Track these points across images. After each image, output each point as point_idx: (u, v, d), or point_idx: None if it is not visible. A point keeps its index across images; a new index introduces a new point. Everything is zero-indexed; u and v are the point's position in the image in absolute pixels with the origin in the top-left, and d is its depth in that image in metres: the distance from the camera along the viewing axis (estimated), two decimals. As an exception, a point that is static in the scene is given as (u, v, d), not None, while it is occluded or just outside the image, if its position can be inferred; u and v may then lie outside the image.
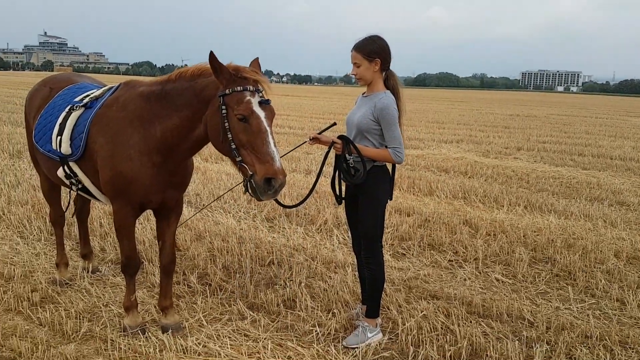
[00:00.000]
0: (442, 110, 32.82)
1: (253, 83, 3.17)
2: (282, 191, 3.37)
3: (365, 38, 3.66)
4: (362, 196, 3.76)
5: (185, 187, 3.88)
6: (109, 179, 3.57)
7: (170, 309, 3.93)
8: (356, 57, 3.64)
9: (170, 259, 3.90)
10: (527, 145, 15.08)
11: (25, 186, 7.68)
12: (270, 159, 3.04)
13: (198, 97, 3.30)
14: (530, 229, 6.55)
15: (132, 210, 3.66)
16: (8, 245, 5.48)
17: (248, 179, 3.11)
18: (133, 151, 3.48)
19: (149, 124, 3.47)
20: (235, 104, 3.09)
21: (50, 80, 4.54)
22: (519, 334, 4.02)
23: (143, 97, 3.53)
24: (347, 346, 3.76)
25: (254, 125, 3.08)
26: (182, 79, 3.41)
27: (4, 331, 3.77)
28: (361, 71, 3.66)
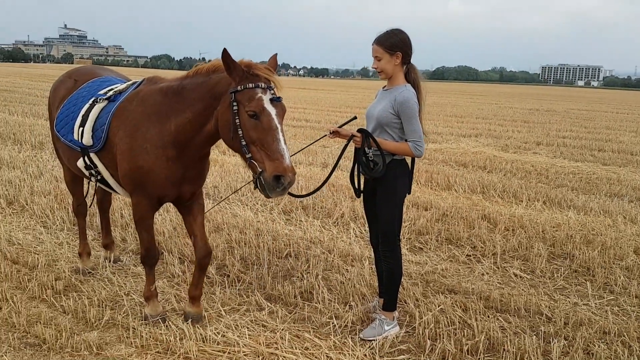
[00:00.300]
0: (460, 104, 32.57)
1: (265, 80, 3.18)
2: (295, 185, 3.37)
3: (386, 31, 3.67)
4: (381, 190, 3.77)
5: (201, 182, 3.88)
6: (126, 172, 3.63)
7: (198, 299, 3.96)
8: (377, 51, 3.65)
9: (204, 253, 3.86)
10: (546, 140, 14.92)
11: (47, 177, 7.82)
12: (280, 156, 3.05)
13: (210, 92, 3.33)
14: (549, 224, 6.51)
15: (150, 203, 3.71)
16: (32, 234, 5.60)
17: (257, 176, 3.13)
18: (149, 145, 3.53)
19: (165, 119, 3.51)
20: (246, 101, 3.10)
21: (74, 73, 4.62)
22: (536, 329, 4.01)
23: (162, 92, 3.58)
24: (364, 338, 3.79)
25: (265, 122, 3.09)
26: (198, 74, 3.45)
27: (29, 318, 3.86)
28: (382, 64, 3.66)
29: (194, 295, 3.94)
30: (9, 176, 7.69)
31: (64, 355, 3.45)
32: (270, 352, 3.57)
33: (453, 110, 26.26)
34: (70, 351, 3.49)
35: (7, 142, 10.75)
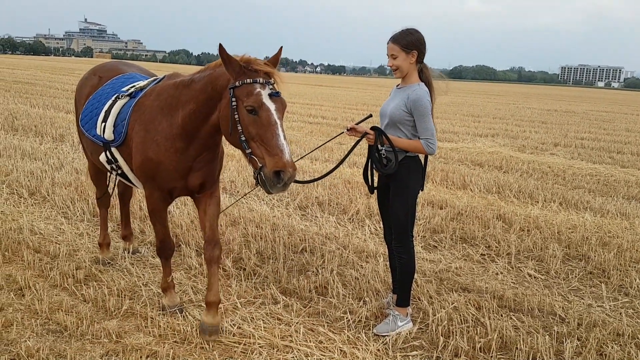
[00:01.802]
0: (477, 104, 32.38)
1: (264, 75, 3.16)
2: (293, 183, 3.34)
3: (402, 30, 3.71)
4: (394, 186, 3.81)
5: (210, 173, 3.79)
6: (139, 164, 3.70)
7: (214, 307, 3.71)
8: (393, 49, 3.69)
9: (212, 246, 3.74)
10: (564, 142, 14.80)
11: (68, 169, 7.96)
12: (280, 151, 3.02)
13: (212, 84, 3.34)
14: (564, 225, 6.49)
15: (162, 195, 3.75)
16: (53, 225, 5.72)
17: (258, 172, 3.10)
18: (160, 137, 3.59)
19: (174, 111, 3.56)
20: (245, 96, 3.09)
21: (99, 69, 4.71)
22: (549, 329, 4.02)
23: (174, 86, 3.63)
24: (377, 334, 3.84)
25: (264, 117, 3.06)
26: (207, 68, 3.50)
27: (51, 306, 3.97)
28: (398, 62, 3.70)
29: (210, 302, 3.71)
30: (31, 167, 7.84)
31: (84, 342, 3.54)
32: (285, 345, 3.63)
33: (470, 110, 26.13)
34: (90, 338, 3.59)
35: (29, 134, 10.95)
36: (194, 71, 3.70)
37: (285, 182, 3.05)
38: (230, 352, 3.54)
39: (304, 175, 8.51)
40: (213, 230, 3.81)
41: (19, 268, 4.62)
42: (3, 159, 8.36)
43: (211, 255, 3.75)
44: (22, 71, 38.01)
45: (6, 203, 6.36)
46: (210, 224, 3.81)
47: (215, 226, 3.83)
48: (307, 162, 9.75)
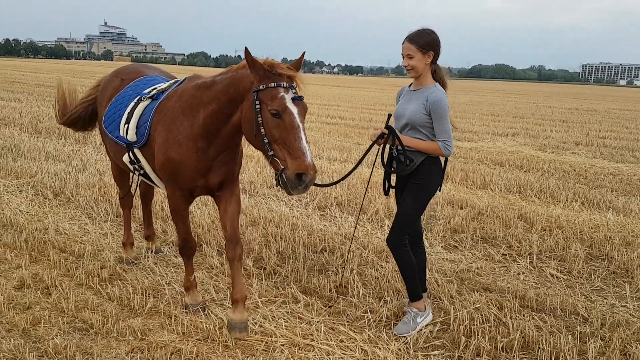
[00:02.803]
0: (497, 103, 32.11)
1: (287, 79, 3.22)
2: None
3: (418, 30, 3.69)
4: (412, 184, 3.78)
5: (230, 172, 3.85)
6: (161, 163, 3.76)
7: (240, 303, 3.76)
8: (410, 49, 3.66)
9: (233, 245, 3.80)
10: (585, 140, 14.62)
11: (91, 170, 8.10)
12: (302, 154, 3.08)
13: (234, 86, 3.39)
14: (587, 225, 6.42)
15: (183, 194, 3.81)
16: (77, 225, 5.83)
17: (279, 173, 3.17)
18: (182, 137, 3.64)
19: (195, 111, 3.62)
20: (269, 100, 3.15)
21: (121, 72, 4.80)
22: (572, 329, 3.99)
23: (196, 87, 3.68)
24: (398, 334, 3.83)
25: (287, 121, 3.12)
26: (230, 71, 3.54)
27: (77, 304, 4.05)
28: (414, 62, 3.67)
29: (236, 299, 3.77)
30: (55, 169, 7.99)
31: (110, 340, 3.61)
32: (307, 343, 3.66)
33: (489, 109, 25.93)
34: (116, 336, 3.65)
35: (52, 136, 11.15)
36: (214, 73, 3.75)
37: (307, 184, 3.11)
38: (252, 350, 3.58)
39: (323, 175, 8.54)
40: (234, 229, 3.86)
41: (45, 267, 4.72)
42: (28, 161, 8.54)
43: (233, 253, 3.81)
44: (45, 75, 38.70)
45: (31, 204, 6.50)
46: (231, 222, 3.86)
47: (236, 225, 3.89)
48: (325, 163, 9.79)
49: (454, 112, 23.11)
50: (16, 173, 7.79)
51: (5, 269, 4.65)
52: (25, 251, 5.02)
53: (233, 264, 3.83)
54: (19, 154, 9.11)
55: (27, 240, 5.24)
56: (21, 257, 4.88)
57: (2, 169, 8.00)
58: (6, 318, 3.82)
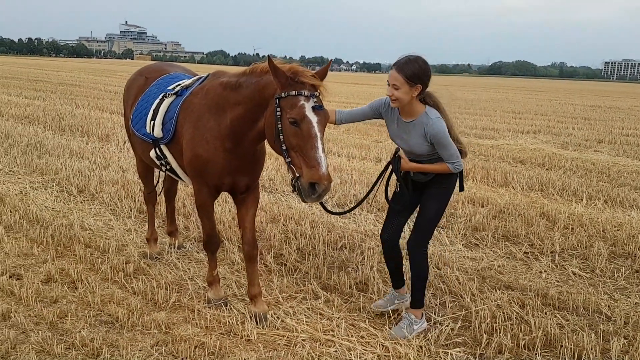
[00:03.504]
0: (518, 100, 31.77)
1: (309, 88, 3.22)
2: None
3: (408, 59, 3.46)
4: (433, 188, 3.74)
5: (255, 174, 3.97)
6: (189, 160, 3.82)
7: (259, 297, 3.98)
8: (397, 79, 3.44)
9: (251, 245, 3.97)
10: (608, 138, 14.40)
11: (114, 167, 8.22)
12: (317, 164, 3.10)
13: (260, 92, 3.43)
14: (610, 223, 6.34)
15: (209, 190, 3.87)
16: (102, 221, 5.93)
17: (295, 180, 3.21)
18: (209, 135, 3.70)
19: (222, 111, 3.67)
20: (289, 108, 3.17)
21: (145, 71, 4.88)
22: (595, 328, 3.96)
23: (222, 85, 3.72)
24: (392, 337, 3.75)
25: (305, 129, 3.14)
26: (254, 73, 3.55)
27: (102, 298, 4.13)
28: (399, 94, 3.46)
29: (254, 294, 3.98)
30: (79, 166, 8.13)
31: (135, 333, 3.68)
32: (327, 339, 3.68)
33: (510, 106, 25.67)
34: (141, 329, 3.72)
35: (75, 134, 11.33)
36: (238, 71, 3.79)
37: (320, 194, 3.13)
38: (274, 345, 3.62)
39: (342, 173, 8.55)
40: (252, 231, 4.00)
41: (71, 262, 4.81)
42: (52, 158, 8.69)
43: (251, 254, 3.98)
44: (67, 73, 39.29)
45: (57, 200, 6.63)
46: (250, 225, 3.99)
47: (254, 227, 4.03)
48: (344, 160, 9.79)
49: (474, 109, 22.97)
50: (41, 170, 7.94)
51: (33, 263, 4.76)
52: (52, 246, 5.13)
53: (251, 263, 3.99)
54: (43, 151, 9.28)
55: (53, 235, 5.35)
56: (47, 252, 4.99)
57: (28, 166, 8.17)
58: (34, 311, 3.91)
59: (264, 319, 3.89)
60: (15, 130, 11.14)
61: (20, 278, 4.42)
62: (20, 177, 7.59)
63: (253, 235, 4.00)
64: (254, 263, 4.01)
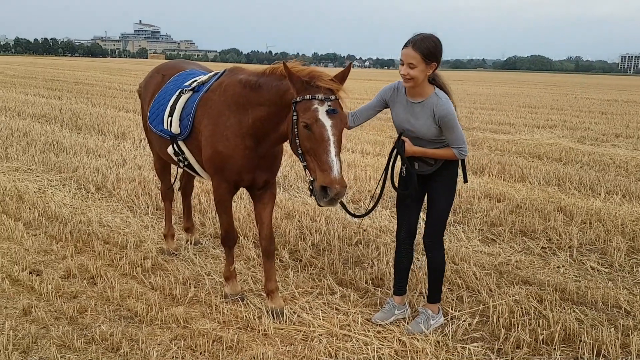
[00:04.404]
0: (534, 95, 31.47)
1: (325, 91, 3.21)
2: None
3: (424, 37, 3.36)
4: (441, 182, 3.69)
5: (274, 170, 4.01)
6: (209, 156, 3.84)
7: (275, 292, 4.01)
8: (414, 57, 3.33)
9: (269, 241, 4.01)
10: (626, 132, 14.21)
11: (131, 165, 8.30)
12: (329, 167, 3.09)
13: (281, 98, 3.44)
14: (628, 218, 6.27)
15: (228, 186, 3.90)
16: (119, 217, 5.99)
17: (311, 183, 3.23)
18: (229, 132, 3.72)
19: (243, 110, 3.68)
20: (302, 112, 3.19)
21: (162, 68, 4.92)
22: (614, 322, 3.92)
23: (241, 84, 3.73)
24: (409, 332, 3.74)
25: (317, 133, 3.14)
26: (273, 75, 3.56)
27: (122, 293, 4.17)
28: (415, 73, 3.36)
29: (270, 290, 4.01)
30: (96, 164, 8.22)
31: (154, 327, 3.72)
32: (344, 334, 3.69)
33: (526, 101, 25.44)
34: (159, 324, 3.76)
35: (92, 133, 11.45)
36: (256, 68, 3.80)
37: (332, 198, 3.11)
38: (291, 339, 3.63)
39: (356, 169, 8.55)
40: (270, 227, 4.04)
41: (90, 258, 4.87)
42: (70, 156, 8.79)
43: (268, 250, 4.02)
44: (82, 72, 39.67)
45: (75, 197, 6.71)
46: (267, 220, 4.02)
47: (271, 222, 4.06)
48: (357, 157, 9.79)
49: (489, 104, 22.80)
50: (59, 168, 8.04)
51: (52, 259, 4.83)
52: (71, 242, 5.19)
53: (268, 259, 4.03)
54: (60, 149, 9.39)
55: (72, 232, 5.42)
56: (67, 248, 5.05)
57: (46, 164, 8.28)
58: (54, 306, 3.97)
59: (281, 314, 3.92)
60: (33, 129, 11.29)
61: (40, 274, 4.49)
62: (39, 175, 7.69)
63: (270, 231, 4.03)
64: (271, 259, 4.04)
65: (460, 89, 35.80)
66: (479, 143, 11.46)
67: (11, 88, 22.32)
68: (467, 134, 12.64)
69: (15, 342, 3.48)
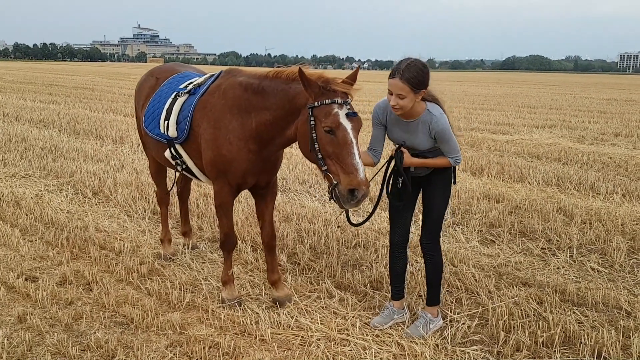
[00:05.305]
0: (533, 95, 31.45)
1: (342, 95, 3.24)
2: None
3: (408, 65, 3.33)
4: (438, 182, 3.69)
5: (276, 171, 4.06)
6: (210, 160, 3.81)
7: (279, 282, 4.19)
8: (402, 89, 3.31)
9: (271, 236, 4.15)
10: (625, 131, 14.18)
11: (128, 169, 8.26)
12: (355, 170, 3.13)
13: (290, 102, 3.43)
14: (628, 217, 6.23)
15: (231, 189, 3.88)
16: (116, 222, 5.96)
17: (333, 188, 3.23)
18: (232, 136, 3.70)
19: (245, 114, 3.66)
20: (323, 117, 3.19)
21: (156, 71, 4.88)
22: (615, 324, 3.88)
23: (242, 86, 3.71)
24: (408, 336, 3.70)
25: (340, 137, 3.16)
26: (277, 79, 3.54)
27: (117, 299, 4.14)
28: (405, 103, 3.36)
29: (274, 280, 4.18)
30: (94, 169, 8.19)
31: (150, 334, 3.68)
32: (342, 338, 3.65)
33: (525, 101, 25.42)
34: (155, 330, 3.72)
35: (90, 137, 11.42)
36: (255, 71, 3.78)
37: (359, 199, 3.15)
38: (288, 344, 3.60)
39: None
40: (271, 224, 4.16)
41: (86, 264, 4.84)
42: (67, 161, 8.76)
43: (270, 245, 4.18)
44: (81, 77, 39.68)
45: (72, 202, 6.68)
46: (269, 218, 4.13)
47: (272, 220, 4.18)
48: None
49: (488, 105, 22.77)
50: (56, 173, 8.01)
51: (48, 265, 4.79)
52: (67, 248, 5.16)
53: (270, 253, 4.20)
54: (58, 154, 9.36)
55: (68, 237, 5.38)
56: (63, 254, 5.02)
57: (43, 169, 8.24)
58: (49, 313, 3.93)
59: (289, 301, 4.10)
60: (31, 134, 11.26)
61: (36, 280, 4.45)
62: (36, 181, 7.66)
63: (272, 228, 4.16)
64: (273, 252, 4.21)
65: (459, 89, 35.80)
66: (478, 144, 11.43)
67: (10, 93, 22.31)
68: (466, 135, 12.63)
69: (9, 350, 3.45)
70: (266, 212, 4.12)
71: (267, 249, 4.19)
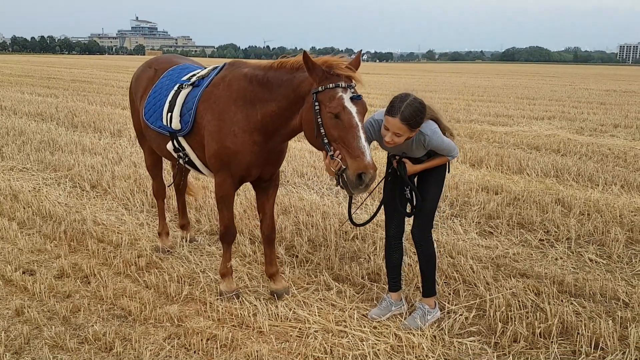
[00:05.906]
0: (532, 86, 31.37)
1: (345, 79, 3.22)
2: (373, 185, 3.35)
3: (410, 106, 3.35)
4: (434, 174, 3.72)
5: (280, 163, 4.05)
6: (214, 152, 3.80)
7: (277, 274, 4.21)
8: (400, 128, 3.34)
9: (271, 229, 4.16)
10: (624, 122, 14.16)
11: (126, 162, 8.25)
12: (361, 153, 3.10)
13: (295, 91, 3.41)
14: (627, 209, 6.23)
15: (233, 182, 3.87)
16: (114, 215, 5.95)
17: (340, 174, 3.20)
18: (237, 128, 3.68)
19: (250, 105, 3.64)
20: (327, 101, 3.17)
21: (154, 62, 4.84)
22: (613, 314, 3.89)
23: (247, 78, 3.68)
24: (405, 328, 3.71)
25: (346, 120, 3.14)
26: (282, 69, 3.52)
27: (115, 292, 4.14)
28: (400, 140, 3.40)
29: (272, 273, 4.20)
30: (92, 162, 8.17)
31: (148, 326, 3.68)
32: (340, 330, 3.66)
33: (524, 92, 25.36)
34: (153, 322, 3.72)
35: (88, 130, 11.39)
36: (259, 62, 3.76)
37: (367, 184, 3.13)
38: (286, 336, 3.60)
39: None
40: (272, 217, 4.16)
41: (84, 257, 4.84)
42: (65, 154, 8.75)
43: (270, 237, 4.19)
44: (79, 70, 39.53)
45: (70, 196, 6.67)
46: (270, 211, 4.13)
47: (273, 213, 4.18)
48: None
49: (488, 96, 22.71)
50: (54, 166, 8.00)
51: (46, 258, 4.79)
52: (65, 241, 5.16)
53: (269, 245, 4.20)
54: (56, 147, 9.34)
55: (66, 231, 5.38)
56: (61, 248, 5.02)
57: (41, 163, 8.23)
58: (47, 306, 3.93)
59: (286, 293, 4.12)
60: (29, 128, 11.24)
61: (34, 274, 4.45)
62: (34, 174, 7.65)
63: (272, 221, 4.17)
64: (272, 245, 4.22)
65: (458, 81, 35.72)
66: (477, 135, 11.41)
67: (7, 87, 22.23)
68: (465, 127, 12.62)
69: (7, 343, 3.45)
70: (267, 205, 4.11)
71: (266, 241, 4.19)
